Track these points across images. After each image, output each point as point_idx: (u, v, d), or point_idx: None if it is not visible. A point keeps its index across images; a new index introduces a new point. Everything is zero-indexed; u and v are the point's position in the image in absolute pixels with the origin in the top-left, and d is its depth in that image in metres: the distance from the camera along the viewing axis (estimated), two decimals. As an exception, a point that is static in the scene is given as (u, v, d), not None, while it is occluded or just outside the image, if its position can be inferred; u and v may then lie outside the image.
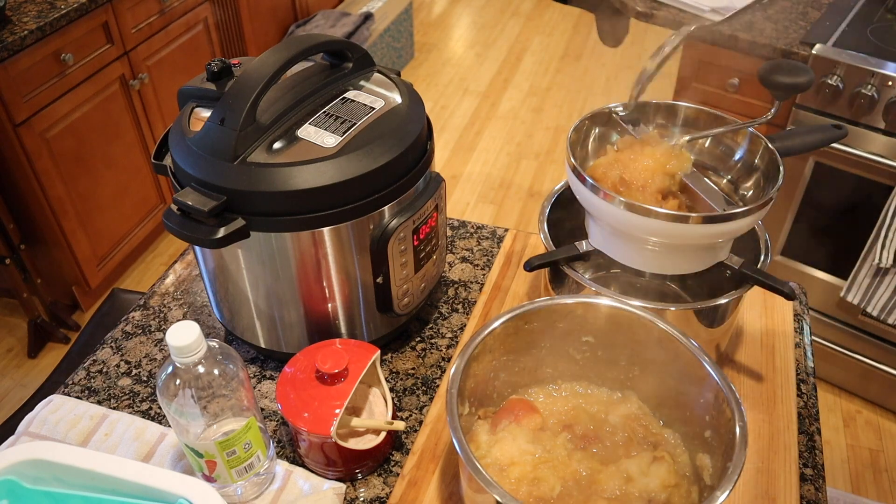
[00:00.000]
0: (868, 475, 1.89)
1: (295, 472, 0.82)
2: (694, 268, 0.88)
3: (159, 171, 0.86)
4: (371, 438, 0.80)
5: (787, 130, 0.94)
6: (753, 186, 0.92)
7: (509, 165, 3.01)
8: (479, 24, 4.06)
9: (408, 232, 0.84)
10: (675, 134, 0.96)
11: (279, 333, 0.90)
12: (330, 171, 0.76)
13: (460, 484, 0.80)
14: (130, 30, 2.18)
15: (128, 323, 1.03)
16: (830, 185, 1.76)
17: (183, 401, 0.69)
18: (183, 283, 1.09)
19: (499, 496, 0.61)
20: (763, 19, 1.78)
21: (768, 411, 0.89)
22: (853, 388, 2.04)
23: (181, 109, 0.88)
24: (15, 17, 1.89)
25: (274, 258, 0.81)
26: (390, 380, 0.94)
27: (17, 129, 1.90)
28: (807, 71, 0.86)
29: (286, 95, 0.83)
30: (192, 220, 0.77)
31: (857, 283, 1.76)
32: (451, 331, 1.00)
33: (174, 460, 0.83)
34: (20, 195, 2.04)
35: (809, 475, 0.83)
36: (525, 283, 1.07)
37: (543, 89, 3.49)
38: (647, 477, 0.72)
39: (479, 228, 1.17)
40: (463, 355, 0.73)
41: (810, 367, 0.96)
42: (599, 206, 0.83)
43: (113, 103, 2.20)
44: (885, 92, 1.58)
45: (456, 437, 0.65)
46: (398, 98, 0.87)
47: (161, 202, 2.52)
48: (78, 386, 0.94)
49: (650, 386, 0.81)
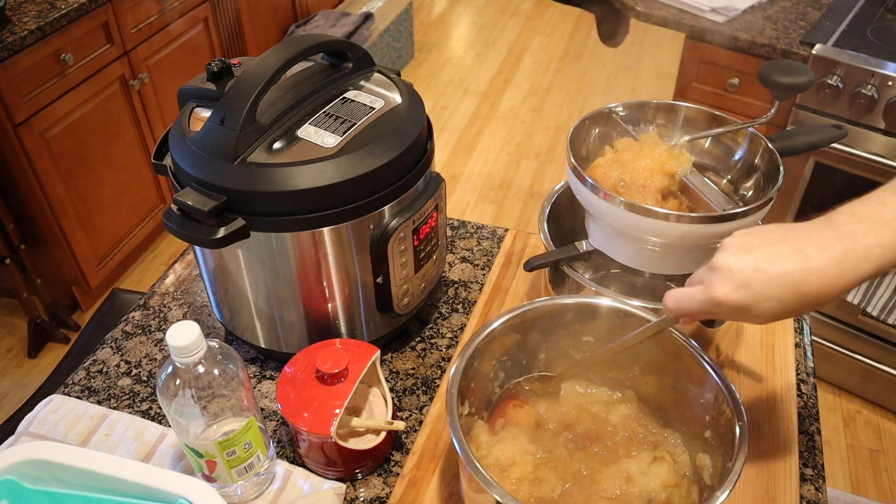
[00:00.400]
0: (868, 475, 1.89)
1: (295, 472, 0.82)
2: (694, 268, 0.87)
3: (159, 171, 0.86)
4: (371, 438, 0.80)
5: (787, 130, 0.94)
6: (753, 186, 0.92)
7: (509, 165, 3.01)
8: (479, 24, 4.07)
9: (408, 232, 0.84)
10: (675, 134, 0.96)
11: (279, 333, 0.90)
12: (330, 171, 0.76)
13: (460, 484, 0.80)
14: (130, 30, 2.18)
15: (128, 323, 1.03)
16: (830, 185, 1.76)
17: (183, 401, 0.69)
18: (183, 283, 1.09)
19: (499, 496, 0.61)
20: (763, 19, 1.79)
21: (768, 411, 0.89)
22: (853, 388, 2.04)
23: (181, 109, 0.88)
24: (15, 17, 1.89)
25: (274, 258, 0.81)
26: (390, 380, 0.94)
27: (17, 129, 1.90)
28: (807, 71, 0.86)
29: (286, 95, 0.83)
30: (192, 220, 0.77)
31: (857, 283, 1.75)
32: (451, 331, 1.00)
33: (174, 460, 0.83)
34: (20, 195, 2.04)
35: (809, 475, 0.83)
36: (525, 283, 1.07)
37: (543, 89, 3.49)
38: (647, 477, 0.72)
39: (479, 228, 1.17)
40: (463, 355, 0.73)
41: (810, 367, 0.96)
42: (599, 206, 0.83)
43: (113, 103, 2.20)
44: (885, 92, 1.58)
45: (456, 437, 0.65)
46: (398, 98, 0.87)
47: (161, 202, 2.52)
48: (78, 386, 0.94)
49: (650, 386, 0.81)
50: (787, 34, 1.72)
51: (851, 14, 1.79)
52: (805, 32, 1.72)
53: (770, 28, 1.75)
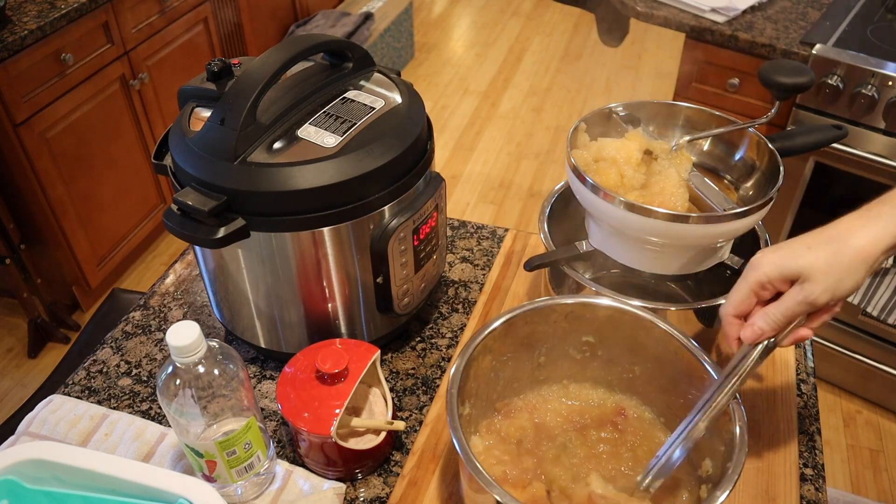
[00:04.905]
0: (868, 475, 1.89)
1: (295, 472, 0.82)
2: (694, 268, 0.88)
3: (159, 171, 0.86)
4: (371, 438, 0.80)
5: (787, 130, 0.94)
6: (753, 186, 0.92)
7: (509, 165, 3.01)
8: (479, 24, 4.06)
9: (408, 232, 0.84)
10: (675, 134, 0.96)
11: (279, 333, 0.90)
12: (330, 171, 0.76)
13: (460, 484, 0.80)
14: (130, 30, 2.18)
15: (128, 323, 1.03)
16: (830, 185, 1.76)
17: (183, 401, 0.69)
18: (183, 283, 1.09)
19: (499, 496, 0.61)
20: (763, 19, 1.78)
21: (768, 411, 0.89)
22: (853, 388, 2.04)
23: (181, 109, 0.88)
24: (15, 17, 1.89)
25: (274, 258, 0.81)
26: (390, 380, 0.94)
27: (17, 129, 1.90)
28: (807, 71, 0.86)
29: (286, 95, 0.83)
30: (193, 220, 0.77)
31: (857, 283, 1.75)
32: (451, 331, 1.00)
33: (174, 460, 0.83)
34: (20, 195, 2.04)
35: (809, 475, 0.83)
36: (525, 283, 1.07)
37: (543, 89, 3.49)
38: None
39: (479, 228, 1.17)
40: (463, 355, 0.73)
41: (810, 367, 0.96)
42: (599, 206, 0.83)
43: (113, 103, 2.20)
44: (885, 92, 1.58)
45: (456, 437, 0.65)
46: (398, 98, 0.87)
47: (161, 202, 2.52)
48: (78, 386, 0.94)
49: (650, 386, 0.81)
50: (787, 34, 1.72)
51: (851, 14, 1.79)
52: (805, 32, 1.72)
53: (770, 28, 1.75)
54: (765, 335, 0.67)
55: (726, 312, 0.70)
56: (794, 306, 0.65)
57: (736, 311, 0.69)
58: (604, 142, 0.90)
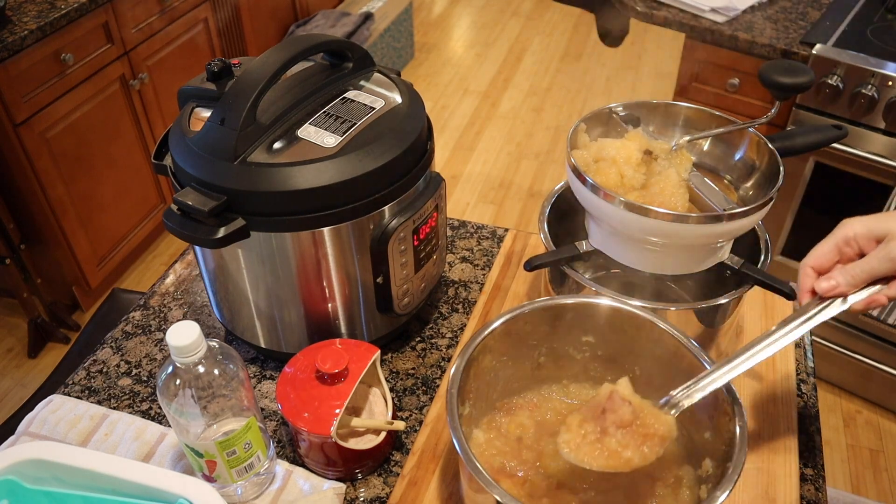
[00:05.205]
0: (868, 475, 1.89)
1: (295, 472, 0.82)
2: (694, 268, 0.88)
3: (159, 171, 0.86)
4: (371, 438, 0.80)
5: (787, 130, 0.94)
6: (753, 186, 0.92)
7: (509, 165, 3.01)
8: (479, 24, 4.07)
9: (408, 232, 0.84)
10: (675, 134, 0.96)
11: (279, 333, 0.90)
12: (330, 171, 0.76)
13: (460, 484, 0.80)
14: (130, 30, 2.18)
15: (128, 323, 1.03)
16: (830, 185, 1.76)
17: (183, 401, 0.69)
18: (183, 283, 1.09)
19: (499, 496, 0.61)
20: (763, 19, 1.79)
21: (768, 411, 0.89)
22: (853, 388, 2.04)
23: (181, 109, 0.88)
24: (15, 17, 1.89)
25: (274, 258, 0.81)
26: (390, 380, 0.94)
27: (17, 129, 1.90)
28: (807, 71, 0.86)
29: (286, 95, 0.83)
30: (193, 220, 0.77)
31: (857, 283, 1.75)
32: (451, 331, 1.00)
33: (174, 460, 0.83)
34: (20, 195, 2.04)
35: (809, 475, 0.83)
36: (525, 283, 1.07)
37: (543, 89, 3.49)
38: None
39: (479, 228, 1.17)
40: (463, 355, 0.73)
41: (810, 367, 0.96)
42: (599, 206, 0.83)
43: (113, 103, 2.20)
44: (885, 92, 1.58)
45: (456, 437, 0.65)
46: (398, 98, 0.87)
47: (161, 202, 2.52)
48: (78, 386, 0.94)
49: (650, 386, 0.80)
50: (787, 34, 1.72)
51: (851, 14, 1.79)
52: (805, 32, 1.72)
53: (770, 28, 1.75)
54: (839, 289, 0.68)
55: (805, 263, 0.71)
56: (876, 263, 0.67)
57: (815, 263, 0.71)
58: (604, 142, 0.90)
